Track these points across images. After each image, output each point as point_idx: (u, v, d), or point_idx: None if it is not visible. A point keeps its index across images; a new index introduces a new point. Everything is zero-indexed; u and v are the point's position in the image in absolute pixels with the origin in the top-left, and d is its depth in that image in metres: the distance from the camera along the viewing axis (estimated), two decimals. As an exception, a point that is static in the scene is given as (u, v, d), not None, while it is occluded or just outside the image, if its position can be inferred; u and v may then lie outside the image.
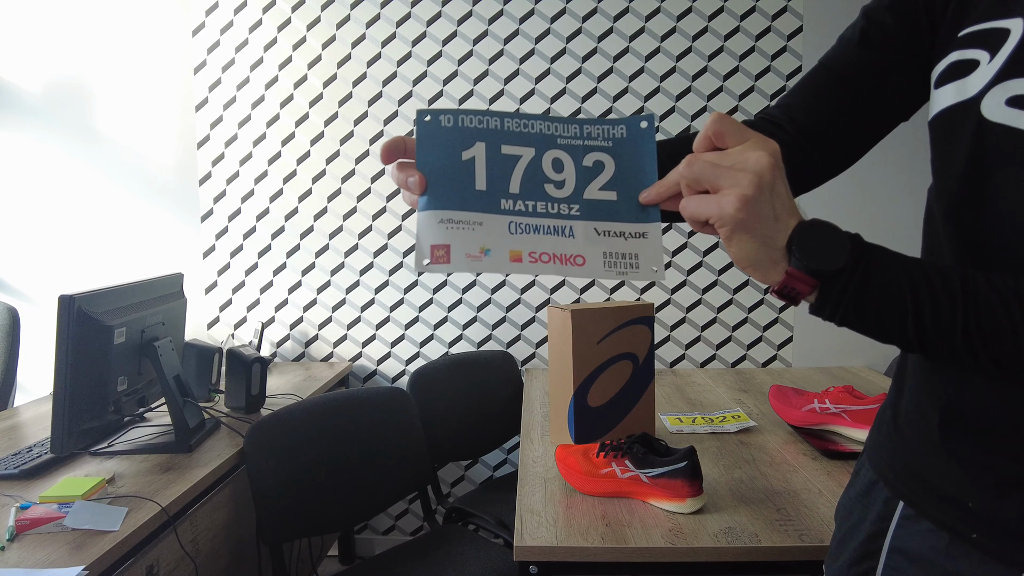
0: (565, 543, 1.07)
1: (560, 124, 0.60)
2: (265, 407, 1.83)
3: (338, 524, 1.65)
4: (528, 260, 0.57)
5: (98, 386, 1.36)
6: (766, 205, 0.50)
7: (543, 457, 1.46)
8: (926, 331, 0.52)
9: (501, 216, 0.57)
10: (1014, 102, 0.51)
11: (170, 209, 2.45)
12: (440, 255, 0.55)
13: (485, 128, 0.59)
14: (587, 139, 0.60)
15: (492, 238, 0.57)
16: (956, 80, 0.56)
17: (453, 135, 0.58)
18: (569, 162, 0.60)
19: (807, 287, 0.52)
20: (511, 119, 0.60)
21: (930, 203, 0.66)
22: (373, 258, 2.44)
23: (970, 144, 0.55)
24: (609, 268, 0.58)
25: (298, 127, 2.40)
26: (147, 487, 1.31)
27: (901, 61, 0.64)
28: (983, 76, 0.54)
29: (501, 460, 2.48)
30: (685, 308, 2.41)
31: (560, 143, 0.60)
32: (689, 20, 2.31)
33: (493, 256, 0.56)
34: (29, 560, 1.04)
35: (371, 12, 2.36)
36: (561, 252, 0.58)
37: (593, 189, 0.59)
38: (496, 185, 0.58)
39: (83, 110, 2.42)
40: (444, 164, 0.57)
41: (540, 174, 0.59)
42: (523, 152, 0.59)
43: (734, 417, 1.70)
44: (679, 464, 1.16)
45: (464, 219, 0.57)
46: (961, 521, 0.60)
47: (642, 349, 1.52)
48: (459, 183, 0.57)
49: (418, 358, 2.46)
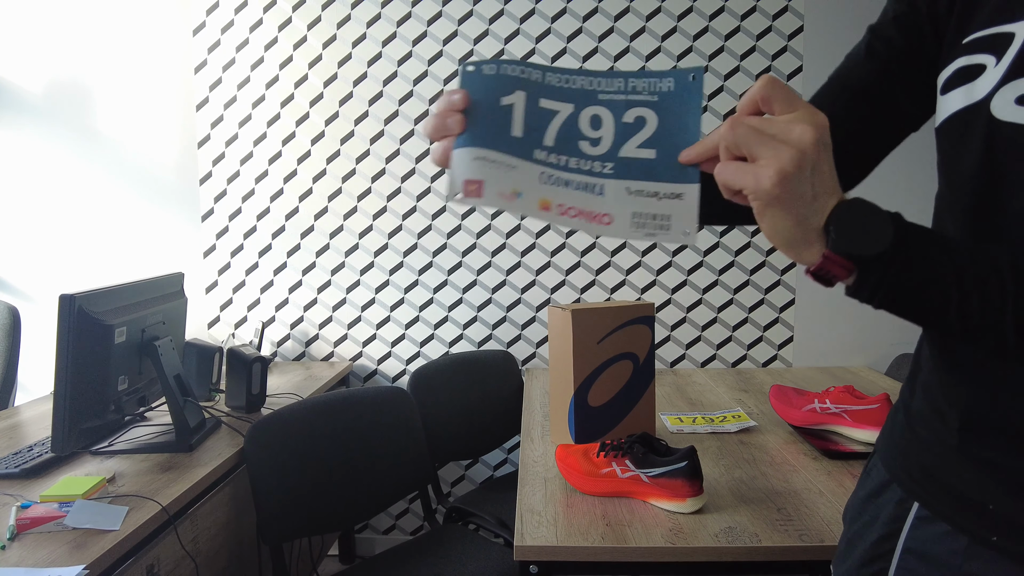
0: (565, 543, 1.07)
1: (604, 79, 0.59)
2: (265, 407, 1.83)
3: (338, 523, 1.65)
4: (557, 211, 0.57)
5: (99, 385, 1.36)
6: (806, 183, 0.48)
7: (543, 457, 1.46)
8: (971, 319, 0.50)
9: (534, 164, 0.57)
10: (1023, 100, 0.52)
11: (171, 208, 2.45)
12: (473, 189, 0.55)
13: (527, 79, 0.58)
14: (631, 93, 0.59)
15: (524, 183, 0.57)
16: (963, 85, 0.57)
17: (495, 82, 0.58)
18: (609, 118, 0.58)
19: (844, 271, 0.50)
20: (552, 73, 0.59)
21: (939, 209, 0.65)
22: (373, 257, 2.44)
23: (981, 145, 0.56)
24: (637, 228, 0.57)
25: (299, 126, 2.40)
26: (147, 486, 1.31)
27: (909, 72, 0.65)
28: (991, 79, 0.54)
29: (501, 460, 2.48)
30: (686, 308, 2.41)
31: (601, 99, 0.59)
32: (690, 20, 2.31)
33: (524, 200, 0.56)
34: (29, 559, 1.04)
35: (372, 11, 2.36)
36: (589, 209, 0.57)
37: (631, 147, 0.58)
38: (531, 135, 0.58)
39: (83, 109, 2.42)
40: (483, 107, 0.58)
41: (576, 131, 0.58)
42: (561, 108, 0.58)
43: (734, 417, 1.70)
44: (679, 464, 1.16)
45: (499, 159, 0.57)
46: (981, 524, 0.59)
47: (642, 349, 1.52)
48: (497, 126, 0.57)
49: (418, 358, 2.47)
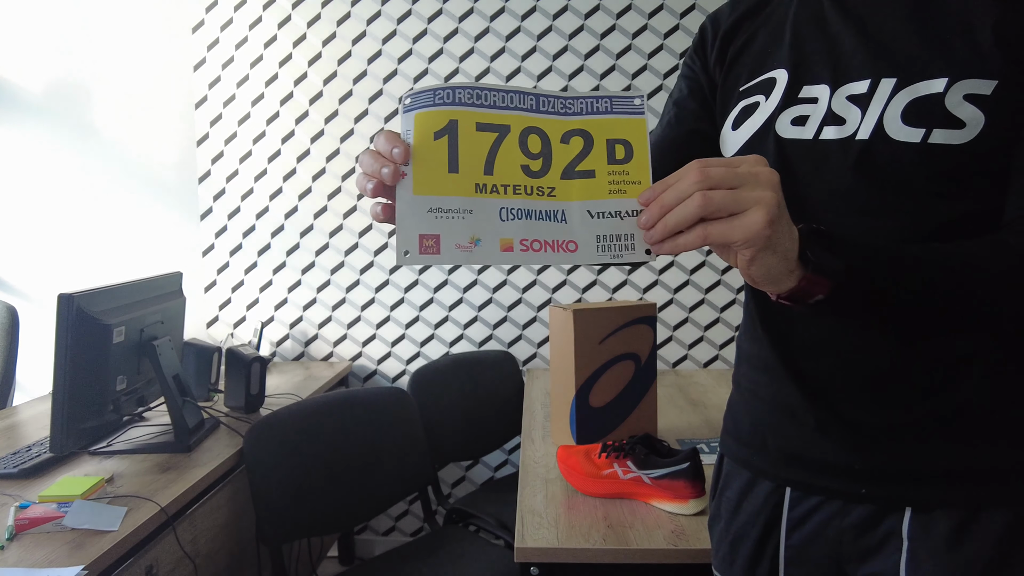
0: (566, 544, 1.07)
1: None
2: (264, 407, 1.82)
3: (338, 524, 1.64)
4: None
5: (97, 385, 1.36)
6: (784, 220, 0.52)
7: (544, 458, 1.45)
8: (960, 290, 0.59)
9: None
10: (796, 122, 0.70)
11: (169, 207, 2.44)
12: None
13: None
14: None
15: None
16: (747, 119, 0.74)
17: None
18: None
19: (822, 287, 0.55)
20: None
21: None
22: (373, 257, 2.43)
23: (774, 161, 0.70)
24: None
25: (298, 125, 2.40)
26: (146, 487, 1.30)
27: (708, 128, 0.83)
28: (765, 111, 0.72)
29: (502, 461, 2.47)
30: (688, 308, 2.41)
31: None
32: (692, 17, 2.30)
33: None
34: (28, 560, 1.03)
35: (372, 9, 2.35)
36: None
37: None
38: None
39: (82, 108, 2.41)
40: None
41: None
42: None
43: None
44: (681, 465, 1.15)
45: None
46: (850, 482, 0.69)
47: (644, 349, 1.52)
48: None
49: (419, 358, 2.46)
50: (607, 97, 0.58)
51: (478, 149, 0.56)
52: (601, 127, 0.58)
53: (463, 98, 0.56)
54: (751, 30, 0.78)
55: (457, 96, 0.56)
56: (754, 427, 0.79)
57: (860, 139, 0.65)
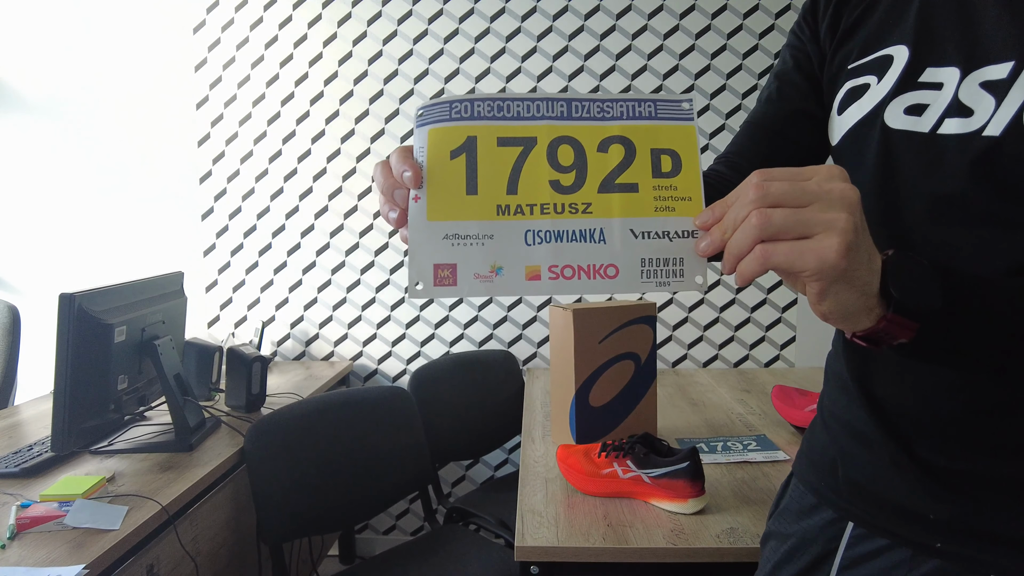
0: (566, 543, 1.07)
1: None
2: (265, 406, 1.83)
3: (338, 523, 1.64)
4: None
5: (98, 385, 1.36)
6: (863, 248, 0.44)
7: (544, 457, 1.45)
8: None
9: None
10: (910, 111, 0.59)
11: (170, 207, 2.45)
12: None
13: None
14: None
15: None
16: (855, 102, 0.64)
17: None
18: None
19: (908, 331, 0.46)
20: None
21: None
22: (374, 257, 2.43)
23: (878, 150, 0.61)
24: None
25: (299, 125, 2.40)
26: (147, 486, 1.31)
27: (814, 108, 0.73)
28: (876, 95, 0.62)
29: (502, 460, 2.48)
30: (687, 307, 2.41)
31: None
32: (692, 18, 2.31)
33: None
34: (29, 559, 1.04)
35: (372, 10, 2.35)
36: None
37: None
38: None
39: (83, 108, 2.41)
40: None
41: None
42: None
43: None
44: (681, 464, 1.15)
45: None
46: (924, 532, 0.59)
47: (644, 349, 1.52)
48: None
49: (419, 357, 2.46)
50: (651, 100, 0.51)
51: (500, 166, 0.50)
52: (645, 135, 0.51)
53: (483, 111, 0.50)
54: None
55: (476, 109, 0.50)
56: (826, 451, 0.71)
57: (988, 135, 0.53)
